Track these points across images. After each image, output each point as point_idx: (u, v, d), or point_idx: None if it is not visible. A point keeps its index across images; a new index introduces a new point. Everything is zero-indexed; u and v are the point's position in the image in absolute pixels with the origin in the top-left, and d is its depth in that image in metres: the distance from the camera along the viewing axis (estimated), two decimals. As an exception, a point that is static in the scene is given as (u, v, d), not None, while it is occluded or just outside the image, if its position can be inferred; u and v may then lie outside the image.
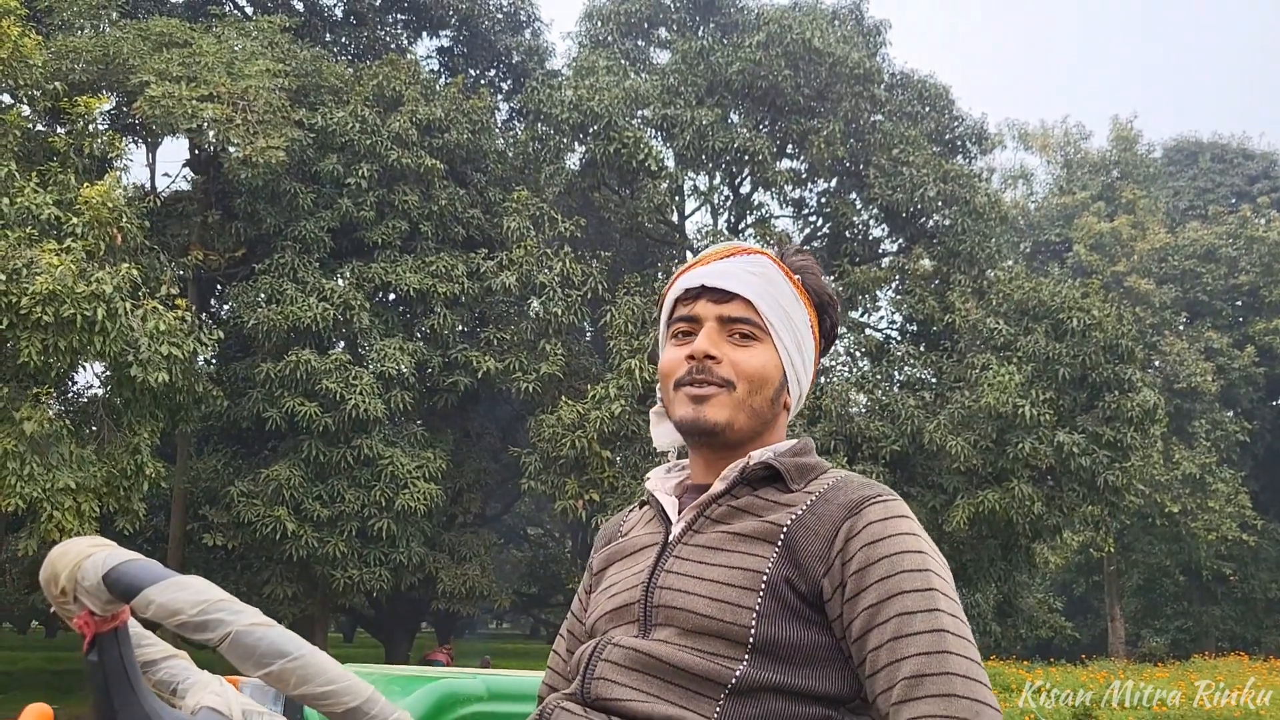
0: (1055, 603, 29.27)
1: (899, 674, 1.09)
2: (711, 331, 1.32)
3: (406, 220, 16.72)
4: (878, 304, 20.01)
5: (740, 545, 1.22)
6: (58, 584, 0.87)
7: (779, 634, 1.16)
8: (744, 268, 1.35)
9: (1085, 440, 16.48)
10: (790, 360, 1.34)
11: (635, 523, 1.43)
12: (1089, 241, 29.39)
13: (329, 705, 0.85)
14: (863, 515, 1.19)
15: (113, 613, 0.87)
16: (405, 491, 15.18)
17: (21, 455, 11.00)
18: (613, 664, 1.21)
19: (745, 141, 17.98)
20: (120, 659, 0.88)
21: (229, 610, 0.83)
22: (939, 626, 1.11)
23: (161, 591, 0.83)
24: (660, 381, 1.38)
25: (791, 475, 1.28)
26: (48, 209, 12.18)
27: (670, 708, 1.15)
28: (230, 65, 15.12)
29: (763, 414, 1.33)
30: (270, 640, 0.83)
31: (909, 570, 1.14)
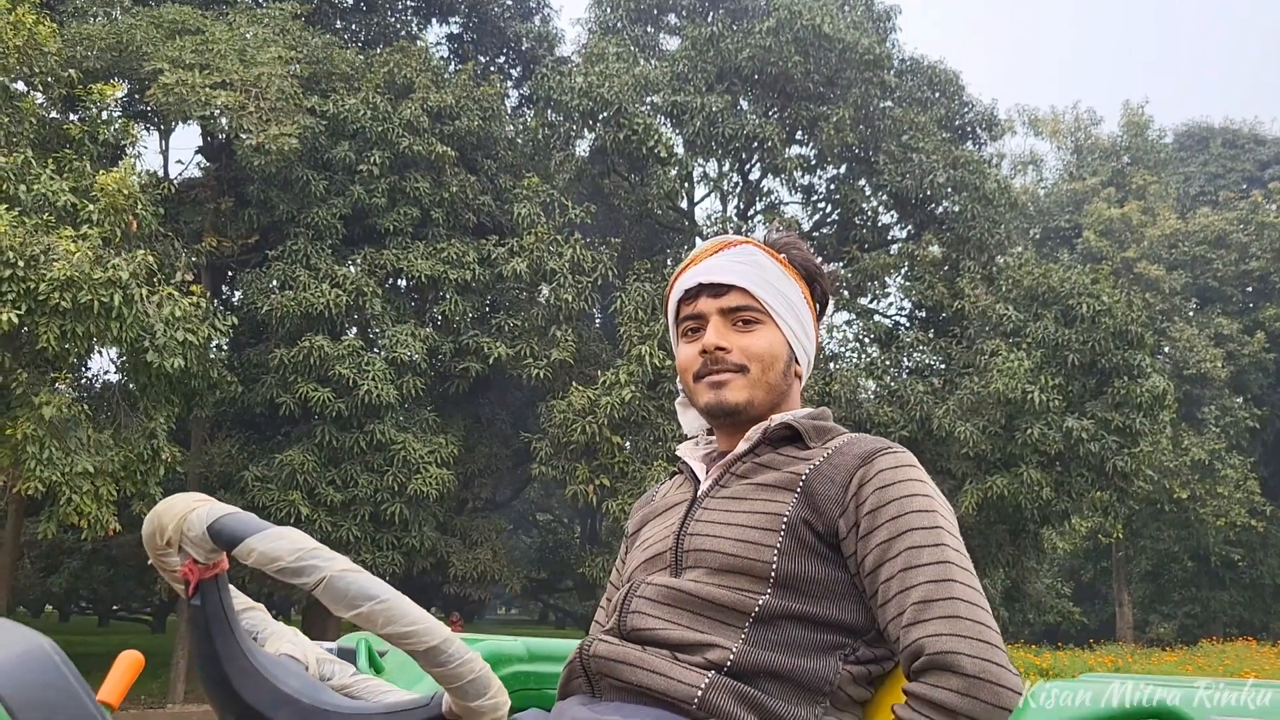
0: (1063, 588, 29.38)
1: (908, 600, 1.19)
2: (717, 324, 1.45)
3: (418, 207, 16.79)
4: (887, 290, 20.03)
5: (763, 494, 1.34)
6: (164, 535, 0.95)
7: (798, 569, 1.27)
8: (733, 260, 1.48)
9: (1094, 426, 16.52)
10: (793, 333, 1.48)
11: (667, 489, 1.56)
12: (1099, 227, 29.33)
13: (412, 644, 0.93)
14: (875, 464, 1.31)
15: (214, 561, 0.96)
16: (417, 476, 15.30)
17: (41, 439, 11.13)
18: (646, 599, 1.32)
19: (755, 128, 18.00)
20: (220, 603, 0.97)
21: (322, 558, 0.92)
22: (945, 559, 1.22)
23: (262, 540, 0.92)
24: (680, 377, 1.51)
25: (809, 434, 1.41)
26: (64, 196, 12.28)
27: (699, 635, 1.26)
28: (242, 53, 15.19)
29: (778, 387, 1.46)
30: (360, 584, 0.92)
31: (918, 511, 1.26)
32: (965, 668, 1.11)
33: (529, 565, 23.75)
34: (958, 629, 1.15)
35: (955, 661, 1.12)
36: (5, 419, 11.48)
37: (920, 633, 1.16)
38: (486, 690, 0.98)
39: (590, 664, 1.29)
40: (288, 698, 0.98)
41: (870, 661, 1.27)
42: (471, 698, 0.98)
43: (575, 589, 23.33)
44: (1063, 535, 25.44)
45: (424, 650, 0.94)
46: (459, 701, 0.98)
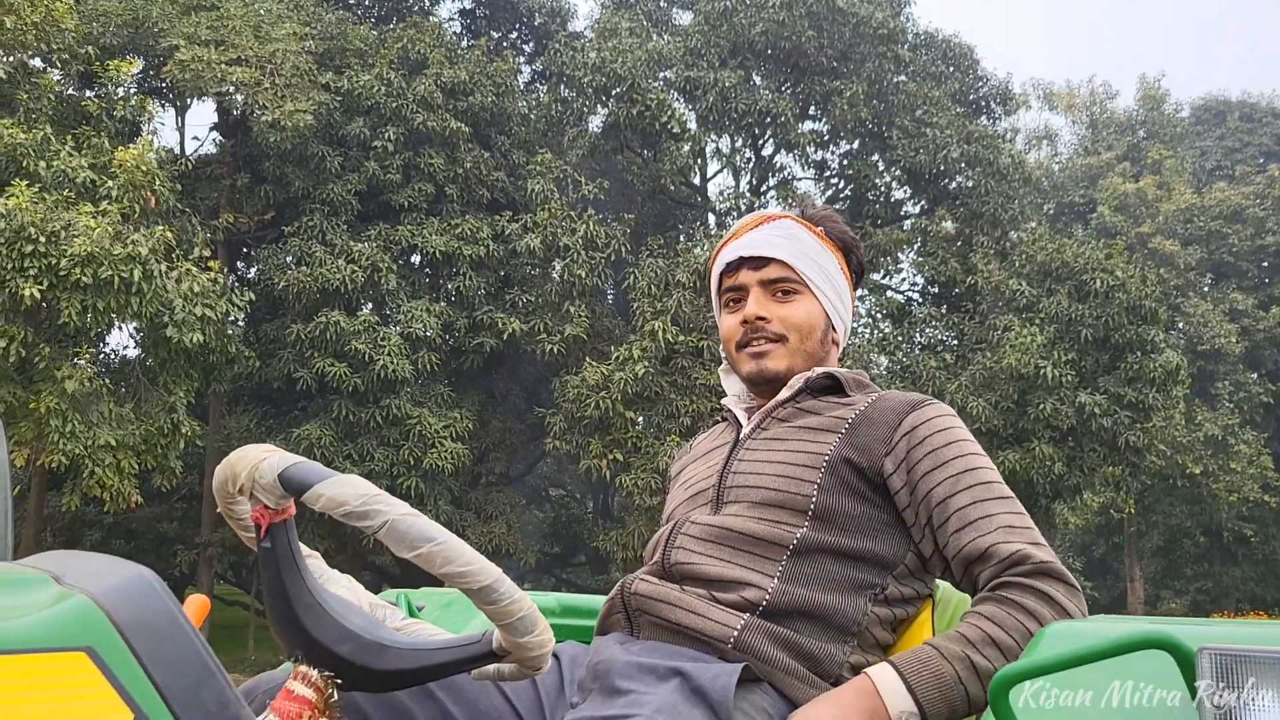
0: (1075, 563, 29.44)
1: (994, 523, 1.30)
2: (757, 295, 1.53)
3: (432, 183, 16.85)
4: (899, 266, 20.04)
5: (805, 435, 1.43)
6: (236, 482, 1.04)
7: (836, 504, 1.36)
8: (773, 233, 1.56)
9: (1107, 401, 16.54)
10: (831, 303, 1.56)
11: (709, 435, 1.65)
12: (1114, 202, 29.18)
13: (467, 583, 1.02)
14: (925, 411, 1.42)
15: (283, 507, 1.04)
16: (432, 451, 15.44)
17: (63, 413, 11.30)
18: (689, 536, 1.40)
19: (768, 103, 17.97)
20: (290, 545, 1.05)
21: (385, 502, 1.00)
22: (1010, 495, 1.35)
23: (329, 486, 1.00)
24: (723, 346, 1.60)
25: (849, 384, 1.51)
26: (83, 172, 12.39)
27: (738, 569, 1.34)
28: (257, 29, 15.24)
29: (816, 354, 1.55)
30: (420, 527, 1.00)
31: (976, 453, 1.39)
32: (1069, 579, 1.25)
33: (543, 539, 23.92)
34: (1047, 553, 1.28)
35: (1061, 572, 1.25)
36: (28, 393, 11.66)
37: (1018, 547, 1.26)
38: (535, 627, 1.06)
39: (630, 601, 1.37)
40: (351, 633, 1.06)
41: (897, 603, 1.36)
42: (520, 634, 1.05)
43: (588, 563, 23.50)
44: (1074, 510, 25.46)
45: (478, 589, 1.02)
46: (509, 637, 1.06)
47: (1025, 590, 1.23)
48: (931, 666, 1.19)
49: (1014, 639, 1.20)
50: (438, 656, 1.08)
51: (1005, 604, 1.23)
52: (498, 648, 1.08)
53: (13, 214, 11.02)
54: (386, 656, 1.06)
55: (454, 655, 1.09)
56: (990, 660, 1.19)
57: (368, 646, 1.06)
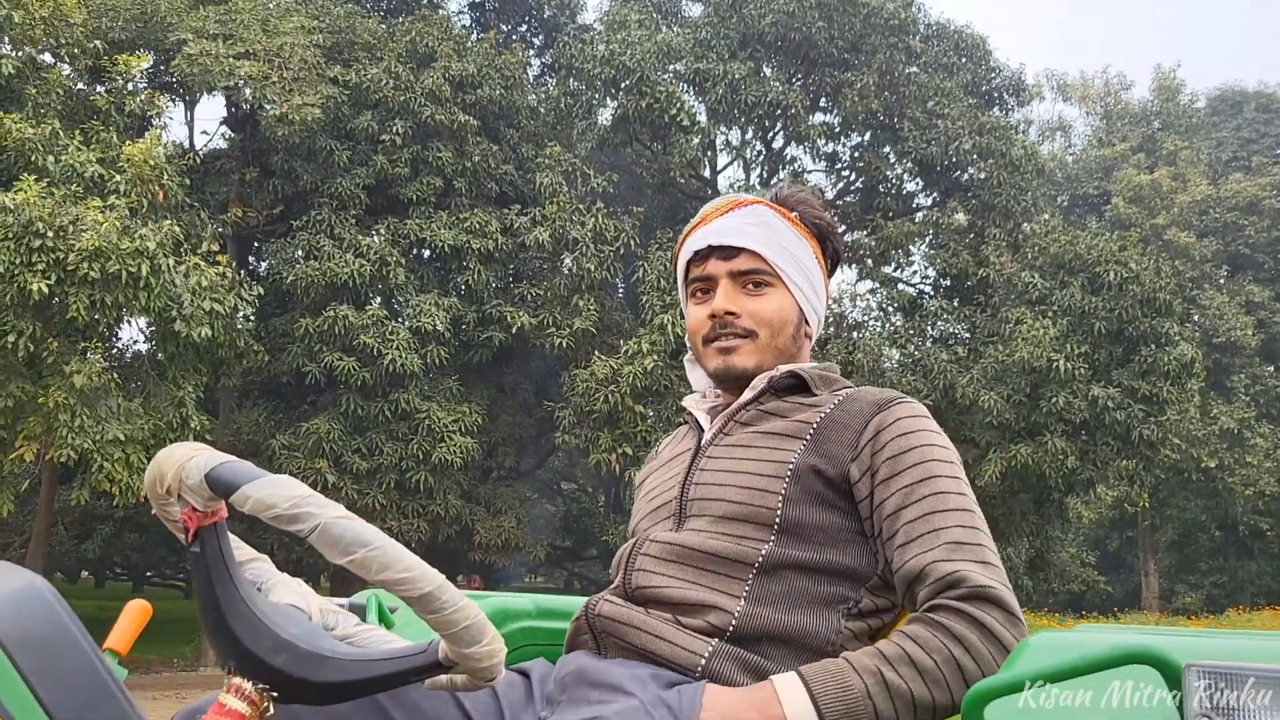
0: (1088, 557, 29.25)
1: (939, 540, 1.21)
2: (726, 288, 1.43)
3: (440, 176, 16.80)
4: (911, 259, 19.90)
5: (769, 442, 1.34)
6: (163, 483, 0.98)
7: (803, 516, 1.28)
8: (744, 220, 1.45)
9: (1120, 394, 16.40)
10: (804, 296, 1.46)
11: (672, 440, 1.56)
12: (1128, 194, 28.95)
13: (406, 590, 0.95)
14: (893, 411, 1.32)
15: (213, 509, 0.98)
16: (442, 445, 15.41)
17: (72, 408, 11.30)
18: (650, 557, 1.32)
19: (778, 95, 17.85)
20: (220, 550, 0.99)
21: (317, 504, 0.94)
22: (968, 508, 1.25)
23: (258, 488, 0.93)
24: (689, 339, 1.50)
25: (816, 382, 1.41)
26: (91, 167, 12.38)
27: (703, 591, 1.26)
28: (265, 22, 15.20)
29: (787, 350, 1.45)
30: (355, 531, 0.94)
31: (940, 460, 1.28)
32: (1009, 605, 1.16)
33: (553, 533, 23.93)
34: (992, 574, 1.18)
35: (1000, 597, 1.16)
36: (37, 387, 11.67)
37: (958, 566, 1.18)
38: (482, 636, 1.00)
39: (595, 623, 1.30)
40: (287, 643, 1.00)
41: (871, 614, 1.28)
42: (466, 644, 0.99)
43: (599, 557, 23.49)
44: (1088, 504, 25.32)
45: (418, 596, 0.96)
46: (454, 647, 1.00)
47: (957, 615, 1.15)
48: (840, 679, 1.12)
49: (934, 661, 1.12)
50: (380, 668, 1.02)
51: (933, 626, 1.15)
52: (444, 658, 1.02)
53: (21, 209, 11.02)
54: (326, 668, 1.00)
55: (397, 666, 1.03)
56: (905, 680, 1.11)
57: (305, 657, 1.00)
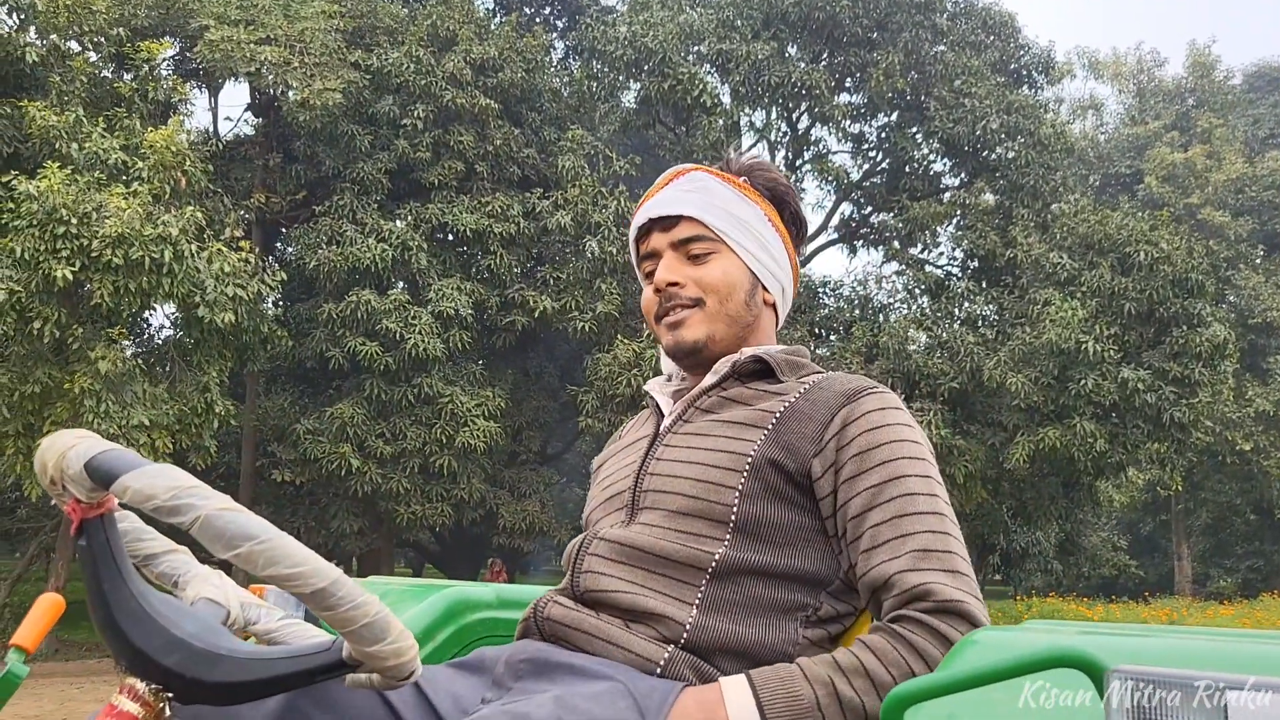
0: (1120, 541, 28.95)
1: (905, 546, 1.14)
2: (669, 260, 1.37)
3: (462, 161, 16.79)
4: (938, 240, 19.67)
5: (729, 431, 1.27)
6: (46, 473, 0.93)
7: (760, 513, 1.21)
8: (681, 189, 1.39)
9: (1151, 376, 16.14)
10: (756, 259, 1.38)
11: (633, 424, 1.50)
12: (1161, 173, 28.46)
13: (298, 586, 0.90)
14: (860, 404, 1.24)
15: (98, 500, 0.93)
16: (465, 429, 15.44)
17: (98, 394, 11.41)
18: (599, 557, 1.26)
19: (802, 75, 17.66)
20: (107, 543, 0.94)
21: (200, 496, 0.89)
22: (939, 511, 1.18)
23: (136, 478, 0.89)
24: (647, 322, 1.43)
25: (781, 368, 1.34)
26: (115, 153, 12.46)
27: (653, 598, 1.20)
28: (286, 7, 15.22)
29: (741, 318, 1.37)
30: (239, 524, 0.89)
31: (909, 457, 1.20)
32: (976, 619, 1.10)
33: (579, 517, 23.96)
34: (960, 584, 1.12)
35: (969, 612, 1.10)
36: (64, 373, 11.79)
37: (926, 578, 1.11)
38: (385, 634, 0.95)
39: (544, 626, 1.25)
40: (180, 641, 0.95)
41: (831, 620, 1.21)
42: (368, 642, 0.94)
43: (625, 540, 23.50)
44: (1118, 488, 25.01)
45: (310, 593, 0.91)
46: (356, 646, 0.95)
47: (921, 627, 1.09)
48: (789, 686, 1.07)
49: (892, 675, 1.06)
50: (280, 667, 0.97)
51: (894, 638, 1.09)
52: (348, 657, 0.97)
53: (45, 196, 11.12)
54: (221, 667, 0.96)
55: (299, 666, 0.98)
56: (858, 692, 1.06)
57: (198, 656, 0.95)
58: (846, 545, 1.20)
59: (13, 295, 11.17)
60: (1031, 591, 24.34)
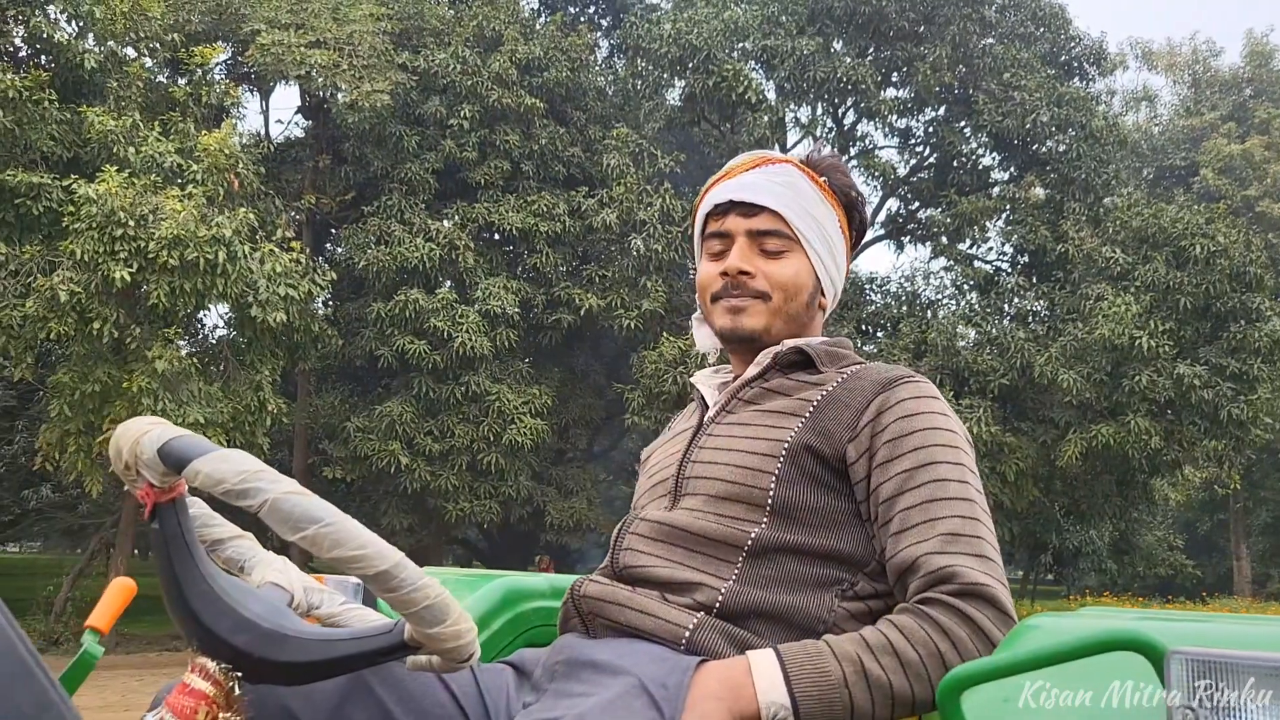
0: (1176, 540, 28.42)
1: (935, 530, 1.16)
2: (743, 246, 1.38)
3: (508, 160, 16.89)
4: (986, 235, 19.43)
5: (768, 420, 1.30)
6: (121, 459, 0.97)
7: (796, 497, 1.23)
8: (770, 179, 1.40)
9: (1208, 372, 15.83)
10: (822, 264, 1.41)
11: (682, 416, 1.53)
12: (1218, 165, 27.86)
13: (361, 568, 0.93)
14: (896, 391, 1.26)
15: (170, 484, 0.97)
16: (512, 427, 15.54)
17: (155, 392, 11.64)
18: (639, 535, 1.30)
19: (848, 71, 17.54)
20: (179, 526, 0.98)
21: (268, 480, 0.92)
22: (969, 497, 1.19)
23: (207, 462, 0.92)
24: (699, 294, 1.45)
25: (821, 359, 1.36)
26: (170, 157, 12.71)
27: (691, 572, 1.22)
28: (335, 11, 15.41)
29: (799, 318, 1.40)
30: (305, 507, 0.92)
31: (943, 445, 1.22)
32: (1002, 604, 1.11)
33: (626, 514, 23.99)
34: (988, 569, 1.13)
35: (994, 596, 1.11)
36: (122, 373, 12.05)
37: (951, 560, 1.13)
38: (445, 616, 0.97)
39: (581, 604, 1.27)
40: (248, 622, 0.99)
41: (870, 597, 1.22)
42: (429, 624, 0.97)
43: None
44: (1174, 486, 24.53)
45: (374, 575, 0.93)
46: (417, 628, 0.97)
47: (947, 609, 1.10)
48: (817, 662, 1.08)
49: (919, 654, 1.07)
50: (344, 648, 1.00)
51: (920, 618, 1.10)
52: (409, 639, 1.00)
53: (104, 199, 11.37)
54: (287, 647, 0.99)
55: (361, 647, 1.01)
56: (885, 670, 1.07)
57: (266, 636, 0.99)
58: (878, 529, 1.21)
59: (73, 296, 11.45)
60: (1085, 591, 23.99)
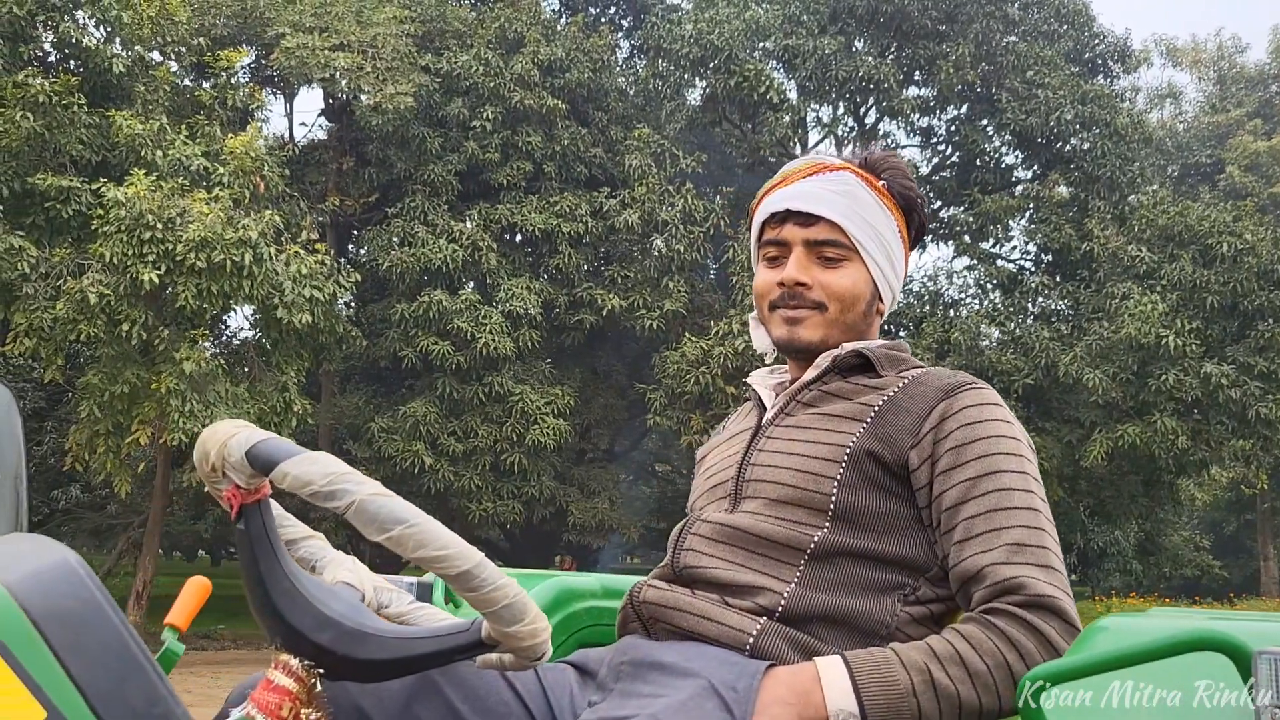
0: (1202, 541, 28.18)
1: (1000, 540, 1.16)
2: (800, 257, 1.37)
3: (530, 161, 16.94)
4: (1010, 234, 19.34)
5: (829, 424, 1.29)
6: (208, 461, 0.99)
7: (858, 502, 1.23)
8: (827, 187, 1.38)
9: (1235, 371, 15.70)
10: (881, 272, 1.40)
11: (736, 417, 1.53)
12: (1244, 162, 27.59)
13: (444, 568, 0.95)
14: (959, 398, 1.26)
15: (256, 486, 0.99)
16: (535, 427, 15.58)
17: (183, 393, 11.74)
18: (701, 537, 1.29)
19: (870, 70, 17.47)
20: (264, 527, 1.00)
21: (354, 481, 0.94)
22: (1034, 506, 1.19)
23: (295, 465, 0.94)
24: (755, 301, 1.45)
25: (882, 363, 1.35)
26: (197, 160, 12.81)
27: (752, 574, 1.23)
28: (359, 14, 15.51)
29: (856, 327, 1.39)
30: (391, 509, 0.94)
31: (1006, 453, 1.22)
32: (1069, 616, 1.12)
33: (648, 515, 24.00)
34: (1054, 580, 1.14)
35: (1061, 608, 1.11)
36: (151, 374, 12.16)
37: (1018, 571, 1.13)
38: (523, 615, 0.99)
39: (642, 609, 1.28)
40: (331, 620, 1.01)
41: (932, 601, 1.23)
42: (507, 622, 0.98)
43: (693, 538, 23.51)
44: (1201, 486, 24.35)
45: (456, 574, 0.95)
46: (495, 626, 0.99)
47: (1014, 620, 1.11)
48: (885, 670, 1.09)
49: (986, 664, 1.08)
50: (422, 646, 1.02)
51: (988, 629, 1.11)
52: (487, 637, 1.02)
53: (132, 202, 11.48)
54: (368, 645, 1.01)
55: (439, 645, 1.03)
56: (953, 681, 1.08)
57: (348, 634, 1.00)
58: (940, 536, 1.21)
59: (102, 298, 11.56)
60: (1111, 592, 23.80)
